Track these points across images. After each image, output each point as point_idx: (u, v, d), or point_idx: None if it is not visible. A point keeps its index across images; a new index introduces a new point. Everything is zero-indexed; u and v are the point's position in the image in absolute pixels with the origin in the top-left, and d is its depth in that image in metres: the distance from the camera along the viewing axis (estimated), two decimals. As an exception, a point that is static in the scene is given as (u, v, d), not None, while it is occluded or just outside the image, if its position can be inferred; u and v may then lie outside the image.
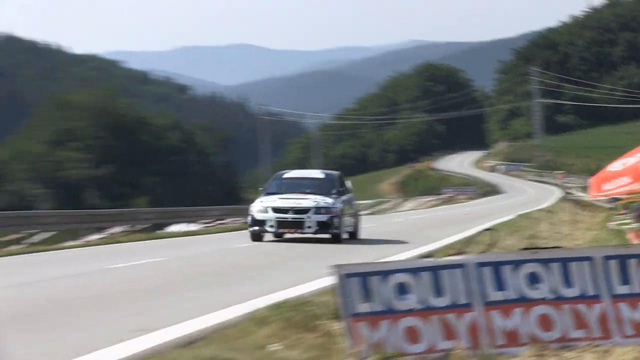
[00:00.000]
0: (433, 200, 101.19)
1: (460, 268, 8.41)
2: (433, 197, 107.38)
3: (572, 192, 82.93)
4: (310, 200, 25.71)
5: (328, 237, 25.78)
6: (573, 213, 44.27)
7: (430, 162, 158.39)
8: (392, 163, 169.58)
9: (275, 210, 25.53)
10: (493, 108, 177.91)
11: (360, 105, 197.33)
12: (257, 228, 25.70)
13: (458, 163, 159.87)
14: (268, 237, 26.36)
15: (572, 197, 72.31)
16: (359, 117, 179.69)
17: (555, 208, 53.11)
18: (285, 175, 28.02)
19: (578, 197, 69.84)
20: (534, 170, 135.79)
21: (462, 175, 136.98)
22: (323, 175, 27.74)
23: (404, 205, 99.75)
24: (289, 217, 25.42)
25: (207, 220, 44.88)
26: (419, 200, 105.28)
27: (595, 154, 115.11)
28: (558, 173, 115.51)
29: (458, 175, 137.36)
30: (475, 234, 26.31)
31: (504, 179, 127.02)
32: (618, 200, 28.77)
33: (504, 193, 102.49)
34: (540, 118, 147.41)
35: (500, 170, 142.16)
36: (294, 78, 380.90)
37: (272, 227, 25.54)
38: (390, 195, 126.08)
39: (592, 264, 8.64)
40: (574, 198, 68.60)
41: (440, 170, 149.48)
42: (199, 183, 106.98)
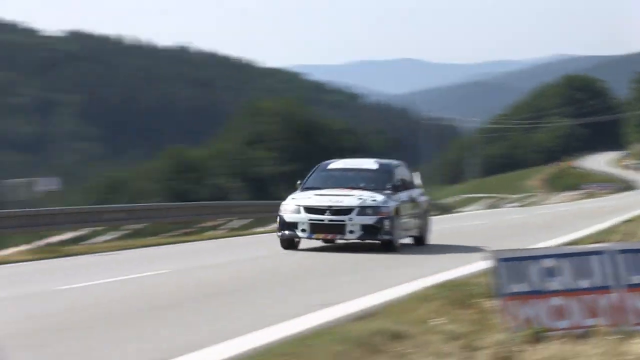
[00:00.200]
0: (575, 195, 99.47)
1: (602, 255, 8.31)
2: (575, 192, 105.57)
3: None
4: (354, 198, 18.06)
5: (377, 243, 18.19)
6: None
7: (572, 161, 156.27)
8: (538, 162, 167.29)
9: (309, 210, 18.03)
10: (631, 114, 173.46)
11: (510, 112, 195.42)
12: (287, 232, 18.28)
13: (597, 162, 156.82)
14: (306, 243, 18.88)
15: None
16: (510, 121, 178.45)
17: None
18: (331, 166, 19.82)
19: None
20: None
21: (601, 173, 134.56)
22: (376, 166, 19.49)
23: (550, 199, 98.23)
24: (325, 219, 17.85)
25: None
26: (563, 195, 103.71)
27: None
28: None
29: (597, 173, 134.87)
30: (615, 225, 25.70)
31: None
32: None
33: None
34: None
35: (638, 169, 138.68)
36: (452, 88, 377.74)
37: (304, 231, 18.05)
38: (538, 190, 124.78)
39: None
40: None
41: (582, 169, 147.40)
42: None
